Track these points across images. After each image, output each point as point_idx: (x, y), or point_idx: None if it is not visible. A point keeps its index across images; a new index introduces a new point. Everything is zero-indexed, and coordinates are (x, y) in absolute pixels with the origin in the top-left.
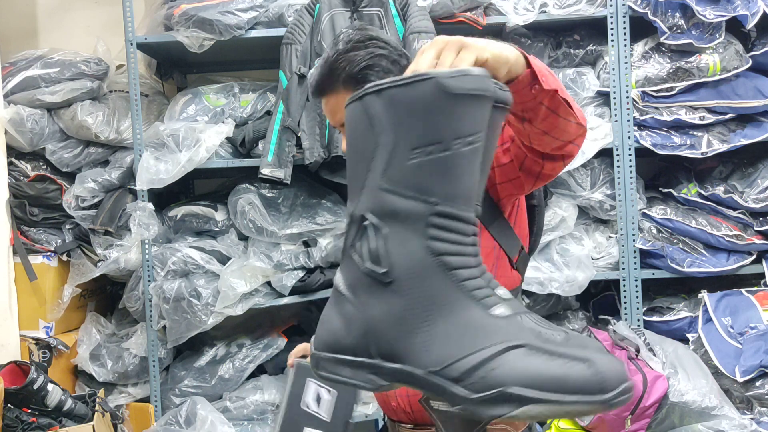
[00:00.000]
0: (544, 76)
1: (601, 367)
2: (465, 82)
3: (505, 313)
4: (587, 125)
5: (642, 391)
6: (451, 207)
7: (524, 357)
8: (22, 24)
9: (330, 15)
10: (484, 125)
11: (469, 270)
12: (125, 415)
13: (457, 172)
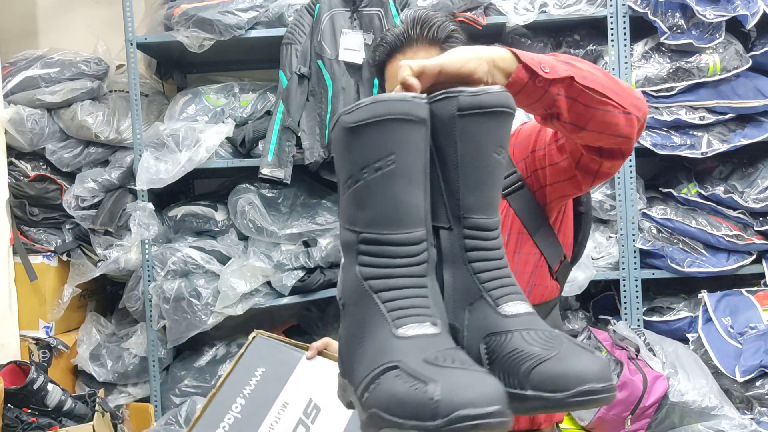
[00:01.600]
0: (547, 66)
1: (441, 392)
2: (355, 115)
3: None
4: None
5: (642, 391)
6: (372, 233)
7: (393, 378)
8: (22, 24)
9: (330, 15)
10: (395, 147)
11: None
12: (125, 415)
13: (373, 199)
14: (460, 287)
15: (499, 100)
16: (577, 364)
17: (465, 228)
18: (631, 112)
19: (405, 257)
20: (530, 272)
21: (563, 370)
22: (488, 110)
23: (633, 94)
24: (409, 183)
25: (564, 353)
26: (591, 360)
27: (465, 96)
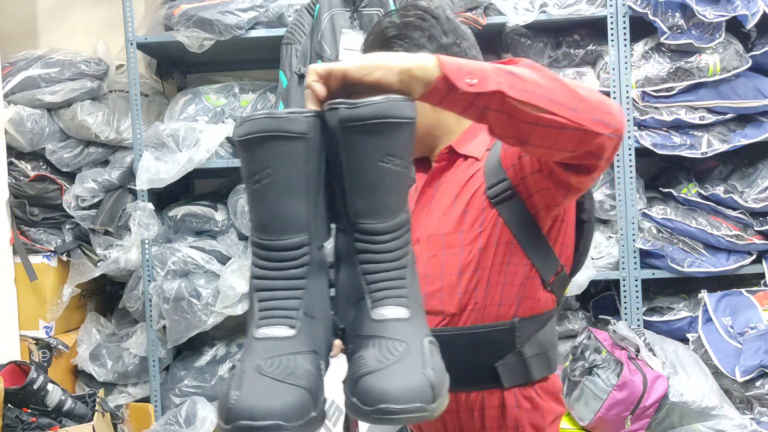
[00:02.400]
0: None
1: (237, 399)
2: (238, 130)
3: (262, 335)
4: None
5: (642, 391)
6: (257, 237)
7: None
8: (22, 24)
9: (330, 15)
10: (269, 161)
11: (267, 292)
12: (125, 415)
13: (256, 207)
14: (351, 286)
15: (379, 111)
16: (387, 383)
17: (355, 232)
18: (591, 128)
19: (282, 261)
20: (520, 284)
21: (373, 385)
22: (368, 122)
23: (599, 109)
24: (286, 194)
25: (389, 369)
26: (405, 380)
27: (344, 108)
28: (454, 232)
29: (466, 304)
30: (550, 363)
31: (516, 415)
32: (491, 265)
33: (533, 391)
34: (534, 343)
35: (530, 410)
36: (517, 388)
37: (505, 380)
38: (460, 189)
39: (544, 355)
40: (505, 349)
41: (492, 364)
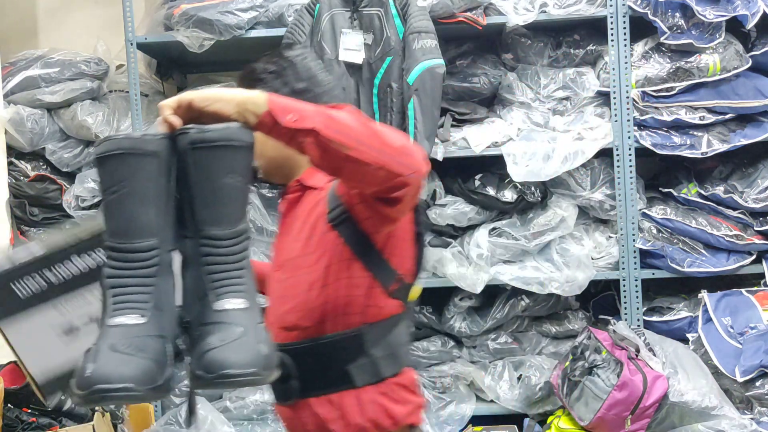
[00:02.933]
0: (296, 115)
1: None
2: (97, 149)
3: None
4: (415, 172)
5: (642, 391)
6: (111, 241)
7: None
8: (22, 24)
9: (330, 15)
10: (125, 175)
11: (119, 288)
12: (125, 415)
13: (112, 215)
14: (196, 285)
15: (224, 135)
16: (228, 355)
17: (200, 237)
18: (393, 169)
19: (135, 261)
20: (364, 295)
21: (216, 357)
22: (214, 144)
23: (403, 153)
24: (140, 204)
25: (229, 345)
26: (243, 352)
27: (194, 132)
28: (302, 254)
29: (318, 318)
30: (399, 360)
31: (373, 410)
32: (336, 280)
33: (386, 386)
34: (383, 344)
35: (385, 404)
36: (371, 386)
37: (358, 380)
38: (307, 215)
39: (393, 355)
40: (356, 353)
41: (345, 367)
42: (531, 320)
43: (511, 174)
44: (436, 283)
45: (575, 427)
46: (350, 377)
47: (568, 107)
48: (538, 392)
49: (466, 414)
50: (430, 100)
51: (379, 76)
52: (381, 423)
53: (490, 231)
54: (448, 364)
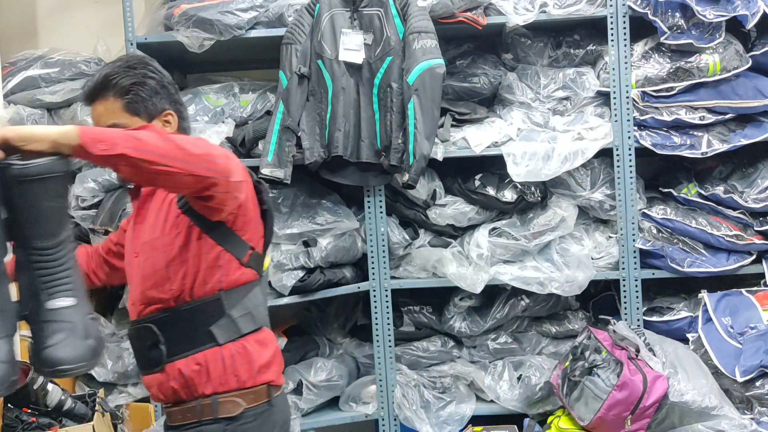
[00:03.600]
0: (106, 144)
1: None
2: None
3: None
4: (222, 172)
5: (642, 391)
6: None
7: None
8: (22, 24)
9: (330, 15)
10: None
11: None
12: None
13: None
14: (30, 284)
15: (43, 170)
16: (61, 354)
17: (30, 249)
18: (200, 174)
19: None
20: (219, 266)
21: (51, 356)
22: (34, 177)
23: (206, 160)
24: None
25: (62, 343)
26: (74, 349)
27: (16, 168)
28: (159, 236)
29: (178, 290)
30: (255, 319)
31: (233, 363)
32: (192, 257)
33: (245, 341)
34: (240, 306)
35: (244, 355)
36: (232, 343)
37: (220, 338)
38: (161, 204)
39: (250, 314)
40: (217, 315)
41: (208, 328)
42: (531, 320)
43: (511, 174)
44: (436, 283)
45: (575, 427)
46: (213, 336)
47: (568, 107)
48: (538, 392)
49: (466, 414)
50: (430, 100)
51: (379, 76)
52: (241, 375)
53: (490, 231)
54: (448, 364)
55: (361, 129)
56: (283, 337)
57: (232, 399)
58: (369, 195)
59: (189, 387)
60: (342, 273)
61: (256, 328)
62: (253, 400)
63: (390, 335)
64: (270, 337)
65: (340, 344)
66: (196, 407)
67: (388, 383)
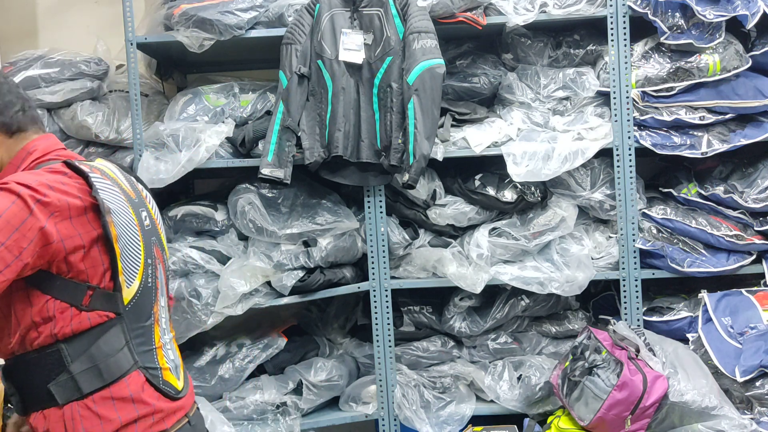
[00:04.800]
0: None
1: None
2: None
3: None
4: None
5: (642, 391)
6: None
7: None
8: (22, 24)
9: (330, 15)
10: None
11: None
12: None
13: None
14: None
15: None
16: None
17: None
18: None
19: None
20: (48, 317)
21: None
22: None
23: None
24: None
25: None
26: None
27: None
28: None
29: (12, 345)
30: (105, 372)
31: (79, 426)
32: (16, 311)
33: (90, 401)
34: (84, 358)
35: (90, 418)
36: (75, 402)
37: (59, 398)
38: None
39: (95, 368)
40: (57, 371)
41: (47, 385)
42: (531, 320)
43: (511, 174)
44: (436, 283)
45: (575, 427)
46: (52, 395)
47: (568, 107)
48: (538, 392)
49: (466, 414)
50: (430, 100)
51: (379, 76)
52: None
53: (490, 231)
54: (448, 364)
55: (361, 129)
56: (282, 337)
57: None
58: (369, 195)
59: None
60: (342, 273)
61: (107, 382)
62: None
63: (390, 335)
64: (133, 388)
65: (340, 344)
66: None
67: (388, 383)
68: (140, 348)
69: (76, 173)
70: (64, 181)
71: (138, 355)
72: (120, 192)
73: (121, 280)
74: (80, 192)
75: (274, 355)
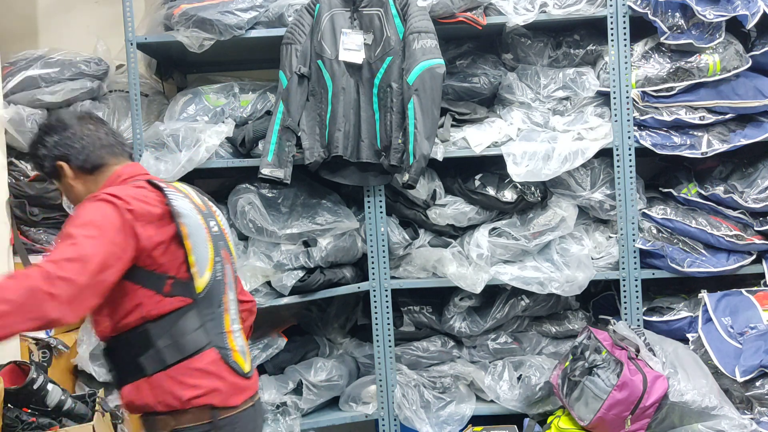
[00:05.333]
0: None
1: None
2: None
3: None
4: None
5: (642, 391)
6: None
7: None
8: (22, 24)
9: (330, 15)
10: None
11: None
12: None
13: None
14: None
15: None
16: None
17: None
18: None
19: None
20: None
21: None
22: None
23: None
24: None
25: None
26: None
27: None
28: None
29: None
30: (183, 348)
31: (161, 392)
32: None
33: (173, 371)
34: (167, 336)
35: (173, 385)
36: (161, 372)
37: (148, 369)
38: None
39: (176, 344)
40: (145, 347)
41: (137, 359)
42: (531, 320)
43: (511, 174)
44: (436, 283)
45: (575, 427)
46: (142, 367)
47: (568, 107)
48: (538, 392)
49: (466, 414)
50: (430, 100)
51: (379, 76)
52: (170, 403)
53: (490, 231)
54: (448, 364)
55: (361, 129)
56: (282, 337)
57: (165, 419)
58: (369, 195)
59: (133, 407)
60: (342, 273)
61: (185, 356)
62: (190, 420)
63: (390, 335)
64: (208, 361)
65: (340, 344)
66: (144, 421)
67: (388, 383)
68: (213, 330)
69: (155, 188)
70: (145, 193)
71: (211, 335)
72: (191, 203)
73: (194, 271)
74: (158, 202)
75: (274, 355)
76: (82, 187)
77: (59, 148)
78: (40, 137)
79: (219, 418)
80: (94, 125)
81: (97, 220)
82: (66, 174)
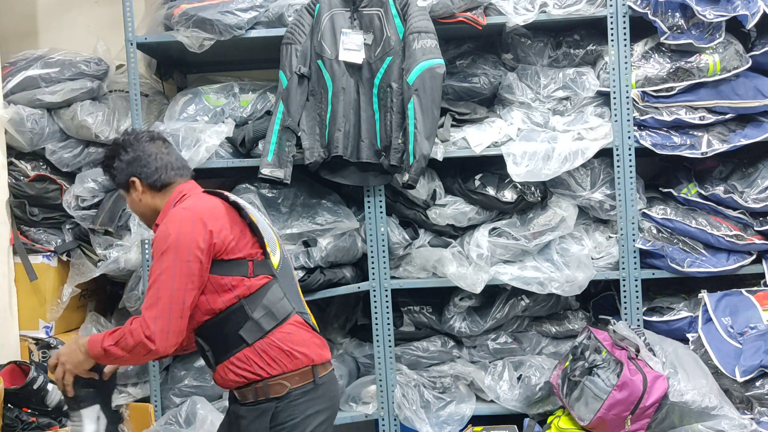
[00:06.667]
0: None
1: None
2: None
3: None
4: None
5: (642, 391)
6: None
7: None
8: (22, 24)
9: (330, 15)
10: None
11: None
12: (125, 415)
13: None
14: None
15: None
16: None
17: None
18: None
19: None
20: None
21: None
22: None
23: (140, 355)
24: None
25: None
26: None
27: None
28: None
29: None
30: (276, 314)
31: (269, 355)
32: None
33: (271, 335)
34: (260, 308)
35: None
36: (261, 340)
37: (249, 339)
38: None
39: (270, 313)
40: (243, 321)
41: (238, 332)
42: (531, 320)
43: (511, 174)
44: (436, 283)
45: (575, 427)
46: (243, 339)
47: (568, 107)
48: (538, 392)
49: (466, 414)
50: (430, 100)
51: (379, 76)
52: (279, 363)
53: (490, 231)
54: (448, 364)
55: (361, 129)
56: None
57: (279, 382)
58: (369, 195)
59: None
60: (342, 273)
61: (280, 321)
62: (298, 381)
63: (390, 335)
64: (297, 323)
65: (340, 344)
66: (252, 390)
67: (388, 383)
68: (293, 298)
69: (213, 195)
70: (209, 198)
71: (293, 303)
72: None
73: (268, 251)
74: (220, 203)
75: None
76: (150, 201)
77: (134, 166)
78: (117, 152)
79: (319, 375)
80: (167, 148)
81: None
82: (137, 188)
